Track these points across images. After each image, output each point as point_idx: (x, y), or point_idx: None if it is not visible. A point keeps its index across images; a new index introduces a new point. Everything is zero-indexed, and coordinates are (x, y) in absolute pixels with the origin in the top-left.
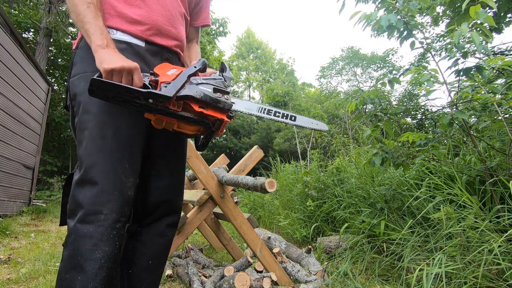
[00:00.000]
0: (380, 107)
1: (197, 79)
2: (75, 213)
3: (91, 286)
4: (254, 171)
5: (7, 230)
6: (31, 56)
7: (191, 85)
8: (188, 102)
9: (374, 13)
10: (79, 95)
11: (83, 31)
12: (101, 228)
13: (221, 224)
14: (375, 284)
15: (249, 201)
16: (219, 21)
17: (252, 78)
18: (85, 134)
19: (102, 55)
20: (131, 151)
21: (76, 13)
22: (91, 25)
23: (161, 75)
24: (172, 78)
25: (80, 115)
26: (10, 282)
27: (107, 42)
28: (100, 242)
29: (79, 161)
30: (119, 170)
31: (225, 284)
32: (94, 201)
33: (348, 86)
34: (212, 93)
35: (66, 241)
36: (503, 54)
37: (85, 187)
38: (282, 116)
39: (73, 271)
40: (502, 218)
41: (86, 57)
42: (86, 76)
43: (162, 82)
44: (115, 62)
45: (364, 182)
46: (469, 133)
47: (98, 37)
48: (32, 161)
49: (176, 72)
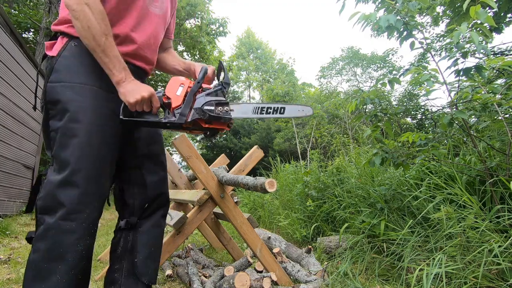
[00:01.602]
0: (380, 107)
1: (201, 99)
2: (54, 210)
3: (73, 274)
4: (254, 171)
5: (7, 230)
6: (31, 56)
7: (197, 107)
8: (197, 120)
9: (373, 14)
10: (65, 103)
11: (101, 62)
12: (84, 225)
13: (221, 224)
14: (375, 284)
15: (249, 201)
16: (219, 21)
17: (252, 78)
18: (74, 140)
19: (124, 89)
20: (112, 157)
21: (94, 43)
22: (111, 59)
23: (172, 99)
24: (182, 100)
25: (67, 122)
26: (10, 282)
27: (125, 74)
28: (82, 237)
29: (61, 163)
30: (102, 175)
31: (225, 284)
32: (77, 201)
33: (348, 86)
34: (215, 110)
35: (43, 235)
36: (503, 54)
37: (68, 188)
38: (273, 111)
39: (53, 261)
40: (502, 218)
41: (73, 69)
42: (74, 87)
43: (174, 107)
44: (136, 95)
45: (364, 182)
46: (469, 133)
47: (117, 71)
48: (32, 161)
49: (183, 91)
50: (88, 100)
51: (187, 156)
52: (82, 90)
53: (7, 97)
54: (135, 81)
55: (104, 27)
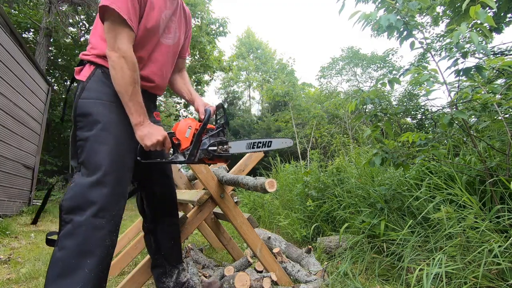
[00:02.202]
0: (380, 107)
1: (206, 141)
2: (83, 209)
3: (100, 268)
4: (254, 171)
5: (7, 230)
6: (31, 56)
7: (203, 148)
8: (203, 158)
9: (374, 13)
10: (96, 116)
11: (125, 105)
12: (112, 222)
13: (221, 224)
14: (375, 284)
15: (249, 201)
16: (219, 21)
17: (252, 78)
18: (104, 147)
19: (141, 132)
20: (131, 165)
21: (123, 90)
22: (134, 104)
23: (182, 141)
24: (190, 142)
25: (99, 131)
26: (10, 282)
27: (143, 118)
28: (110, 233)
29: (93, 166)
30: (126, 179)
31: (225, 284)
32: (107, 200)
33: (348, 86)
34: (217, 150)
35: (72, 232)
36: (503, 54)
37: (99, 187)
38: (262, 145)
39: (82, 256)
40: (502, 218)
41: (102, 89)
42: (104, 104)
43: (183, 149)
44: (152, 138)
45: (364, 182)
46: (469, 133)
47: (137, 115)
48: (32, 161)
49: (191, 133)
50: (115, 115)
51: None
52: (111, 106)
53: (7, 97)
54: (151, 125)
55: (134, 78)
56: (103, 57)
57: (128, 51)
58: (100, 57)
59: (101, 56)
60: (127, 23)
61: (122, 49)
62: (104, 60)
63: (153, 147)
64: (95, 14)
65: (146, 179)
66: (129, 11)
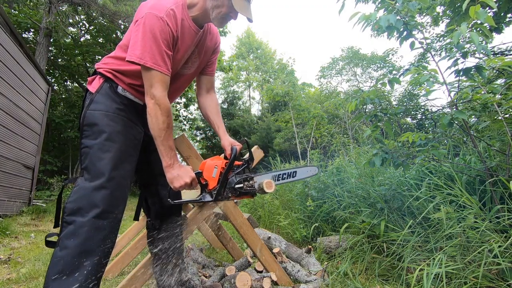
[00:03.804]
0: (380, 107)
1: (232, 179)
2: (87, 211)
3: (99, 267)
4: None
5: (7, 230)
6: (31, 56)
7: (230, 186)
8: (230, 196)
9: (374, 14)
10: (102, 126)
11: (158, 147)
12: (112, 224)
13: (221, 224)
14: (375, 284)
15: (249, 201)
16: None
17: (252, 78)
18: (108, 155)
19: (170, 175)
20: (132, 172)
21: (157, 134)
22: (165, 147)
23: (209, 181)
24: (216, 181)
25: (103, 140)
26: (10, 282)
27: (173, 161)
28: (110, 233)
29: (97, 172)
30: (126, 185)
31: (226, 284)
32: (109, 203)
33: (348, 86)
34: (243, 187)
35: (74, 233)
36: (503, 54)
37: (103, 191)
38: (287, 176)
39: (82, 256)
40: (502, 218)
41: (108, 103)
42: (109, 115)
43: (210, 189)
44: (181, 181)
45: (364, 182)
46: (469, 133)
47: (168, 158)
48: (32, 161)
49: (217, 172)
50: (119, 126)
51: (186, 156)
52: (116, 118)
53: (7, 97)
54: (180, 167)
55: (167, 123)
56: (112, 72)
57: (162, 98)
58: (109, 72)
59: (110, 71)
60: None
61: (157, 96)
62: (113, 75)
63: (181, 189)
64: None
65: (150, 180)
66: (164, 60)
